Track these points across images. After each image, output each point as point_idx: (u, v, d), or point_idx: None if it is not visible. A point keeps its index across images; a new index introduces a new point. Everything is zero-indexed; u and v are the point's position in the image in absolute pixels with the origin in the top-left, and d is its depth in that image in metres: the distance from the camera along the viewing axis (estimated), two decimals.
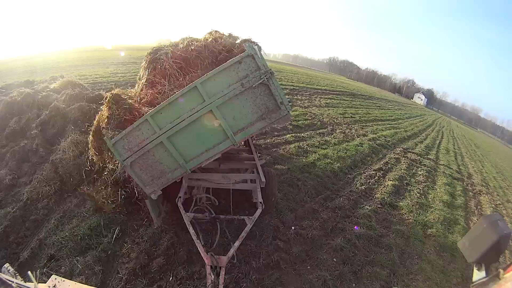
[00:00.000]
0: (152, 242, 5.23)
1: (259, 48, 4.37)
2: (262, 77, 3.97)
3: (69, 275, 4.60)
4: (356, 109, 25.80)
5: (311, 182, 8.40)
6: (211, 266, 3.77)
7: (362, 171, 10.64)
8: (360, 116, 22.40)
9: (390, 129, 21.62)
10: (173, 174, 4.58)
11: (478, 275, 1.92)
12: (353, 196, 8.40)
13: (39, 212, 6.01)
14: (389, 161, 12.91)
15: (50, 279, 2.33)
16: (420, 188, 10.92)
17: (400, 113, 38.46)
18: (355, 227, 6.35)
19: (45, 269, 4.70)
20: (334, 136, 14.05)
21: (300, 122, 14.79)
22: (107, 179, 5.90)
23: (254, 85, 3.99)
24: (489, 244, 1.82)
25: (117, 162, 4.81)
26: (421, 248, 6.99)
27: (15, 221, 5.74)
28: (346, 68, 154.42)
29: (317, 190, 8.15)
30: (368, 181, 9.83)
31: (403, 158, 14.37)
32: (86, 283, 4.39)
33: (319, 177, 8.85)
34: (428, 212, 9.05)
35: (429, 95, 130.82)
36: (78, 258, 4.85)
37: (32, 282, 2.00)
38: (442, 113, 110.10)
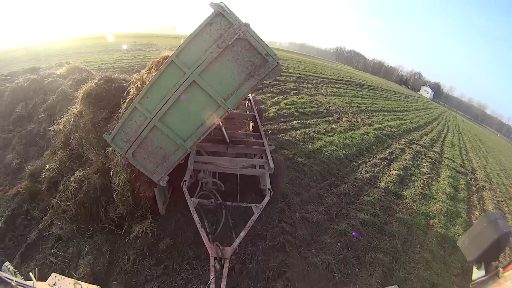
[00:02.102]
0: (160, 224, 5.27)
1: (225, 5, 3.93)
2: (236, 31, 3.71)
3: (77, 256, 4.71)
4: (362, 99, 25.66)
5: (317, 167, 8.43)
6: (215, 258, 3.68)
7: (367, 159, 10.65)
8: (366, 106, 22.26)
9: (395, 120, 21.52)
10: (175, 157, 4.49)
11: (477, 273, 1.92)
12: (357, 183, 8.44)
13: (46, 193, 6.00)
14: (394, 151, 12.89)
15: (50, 277, 2.33)
16: (424, 179, 10.92)
17: (406, 105, 38.17)
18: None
19: (52, 250, 4.79)
20: (340, 124, 14.01)
21: (306, 109, 14.72)
22: None
23: (230, 43, 3.75)
24: (489, 243, 1.82)
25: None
26: (423, 237, 7.04)
27: (22, 203, 5.82)
28: (353, 58, 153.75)
29: (323, 175, 8.20)
30: (373, 169, 9.85)
31: (408, 149, 14.34)
32: (93, 263, 4.51)
33: (324, 163, 8.89)
34: (431, 203, 9.07)
35: (436, 88, 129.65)
36: (86, 239, 4.92)
37: (32, 280, 2.00)
38: (448, 107, 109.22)
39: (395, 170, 10.48)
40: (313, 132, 11.48)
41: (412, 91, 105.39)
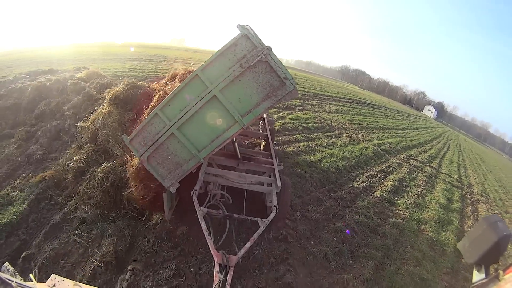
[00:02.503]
0: (178, 214, 5.87)
1: (251, 28, 4.17)
2: (259, 54, 3.90)
3: (100, 237, 5.24)
4: (365, 117, 26.42)
5: (317, 175, 9.18)
6: (220, 265, 3.78)
7: (364, 171, 11.34)
8: (367, 123, 23.02)
9: (395, 137, 22.16)
10: (188, 165, 4.67)
11: (477, 276, 1.95)
12: (354, 190, 9.15)
13: (71, 181, 6.57)
14: (391, 165, 13.56)
15: (49, 278, 2.36)
16: (419, 190, 11.55)
17: (408, 124, 38.84)
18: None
19: (76, 231, 5.33)
20: (341, 139, 14.78)
21: (310, 124, 15.52)
22: None
23: (252, 64, 3.94)
24: (489, 245, 1.85)
25: None
26: (414, 239, 7.65)
27: (47, 189, 6.41)
28: (358, 77, 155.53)
29: (322, 182, 8.93)
30: (369, 180, 10.54)
31: (405, 164, 14.97)
32: (116, 243, 5.00)
33: (324, 172, 9.63)
34: (424, 211, 9.70)
35: (439, 108, 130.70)
36: (109, 223, 5.46)
37: (32, 281, 2.03)
38: (452, 126, 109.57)
39: (391, 181, 11.15)
40: (315, 145, 12.25)
41: (415, 110, 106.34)
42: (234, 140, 6.10)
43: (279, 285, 4.81)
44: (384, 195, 9.58)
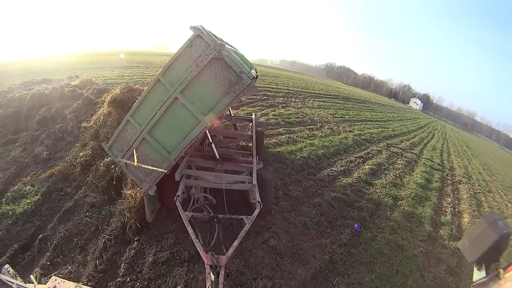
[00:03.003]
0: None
1: (203, 28, 4.28)
2: (212, 51, 3.98)
3: (109, 217, 5.94)
4: (347, 111, 27.34)
5: (298, 161, 10.09)
6: (210, 266, 3.89)
7: (343, 158, 12.29)
8: (350, 117, 23.94)
9: (377, 128, 23.14)
10: (161, 167, 4.80)
11: (478, 275, 1.98)
12: (332, 173, 10.08)
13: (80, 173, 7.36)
14: (370, 152, 14.56)
15: (50, 280, 2.39)
16: (397, 173, 12.55)
17: (392, 116, 39.87)
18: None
19: (87, 213, 6.08)
20: (322, 131, 15.72)
21: (292, 119, 16.43)
22: None
23: (207, 62, 4.04)
24: (489, 244, 1.89)
25: None
26: (390, 212, 8.58)
27: (56, 182, 7.21)
28: (343, 74, 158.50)
29: (302, 167, 9.84)
30: (348, 164, 11.48)
31: (385, 151, 15.98)
32: (124, 220, 5.57)
33: (304, 159, 10.54)
34: (401, 190, 10.69)
35: (425, 99, 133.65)
36: (116, 206, 6.07)
37: (32, 283, 2.07)
38: (438, 117, 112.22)
39: (369, 165, 12.15)
40: (296, 136, 13.15)
41: (401, 103, 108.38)
42: (211, 141, 6.40)
43: (264, 247, 5.65)
44: (362, 176, 10.55)
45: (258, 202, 5.42)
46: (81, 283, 4.40)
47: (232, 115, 10.21)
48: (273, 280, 5.02)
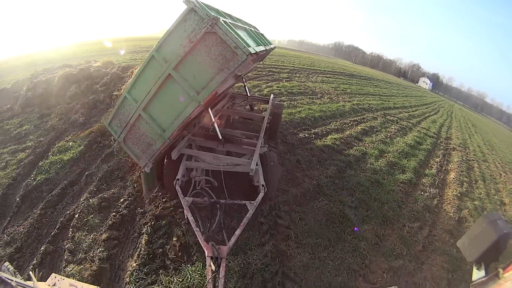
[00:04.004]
0: None
1: (197, 1, 4.08)
2: (205, 25, 3.86)
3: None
4: (350, 85, 28.46)
5: (296, 120, 11.74)
6: (211, 257, 3.77)
7: (338, 120, 13.83)
8: (351, 90, 25.20)
9: (378, 101, 24.35)
10: (156, 145, 4.84)
11: (477, 274, 2.02)
12: (326, 130, 11.70)
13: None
14: (365, 118, 16.07)
15: (50, 277, 2.43)
16: (388, 134, 14.12)
17: (397, 92, 40.60)
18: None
19: (125, 155, 7.55)
20: (321, 100, 17.24)
21: (294, 90, 17.97)
22: None
23: (200, 36, 3.93)
24: (489, 244, 1.94)
25: None
26: (374, 160, 10.16)
27: (96, 137, 8.73)
28: (352, 53, 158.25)
29: (299, 125, 11.45)
30: (342, 125, 13.07)
31: (381, 118, 17.44)
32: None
33: (302, 119, 12.18)
34: (389, 146, 12.24)
35: (435, 79, 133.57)
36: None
37: (32, 280, 2.08)
38: (448, 97, 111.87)
39: (361, 127, 13.74)
40: (296, 103, 14.79)
41: (410, 82, 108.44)
42: (213, 120, 6.06)
43: None
44: (353, 134, 12.19)
45: (262, 185, 5.32)
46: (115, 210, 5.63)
47: (249, 95, 9.86)
48: None
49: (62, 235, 5.42)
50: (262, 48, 6.14)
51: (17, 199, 6.38)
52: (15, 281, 1.84)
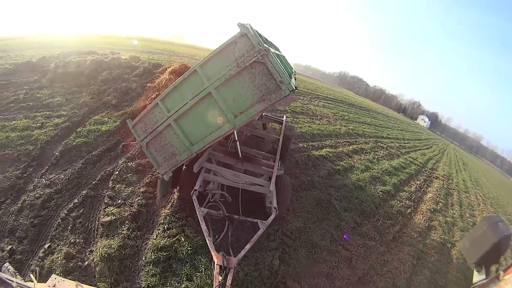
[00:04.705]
0: None
1: (251, 27, 4.17)
2: (256, 54, 3.93)
3: None
4: (349, 113, 30.16)
5: (297, 133, 13.72)
6: (220, 266, 3.91)
7: (333, 139, 15.81)
8: (349, 118, 26.99)
9: (372, 129, 26.20)
10: (181, 156, 4.97)
11: (478, 276, 2.08)
12: (322, 145, 13.73)
13: None
14: (358, 141, 18.02)
15: (50, 278, 2.46)
16: (376, 156, 16.08)
17: (392, 125, 42.07)
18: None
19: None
20: (320, 121, 19.33)
21: (297, 110, 20.06)
22: None
23: (248, 64, 4.00)
24: (489, 246, 1.99)
25: None
26: (360, 172, 12.01)
27: (128, 117, 8.83)
28: (355, 84, 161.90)
29: (299, 137, 13.52)
30: (336, 143, 15.13)
31: (372, 143, 19.35)
32: None
33: (302, 133, 14.33)
34: (375, 165, 14.19)
35: (433, 118, 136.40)
36: None
37: (32, 281, 2.13)
38: (444, 137, 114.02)
39: (353, 147, 15.76)
40: (298, 120, 16.90)
41: (409, 119, 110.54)
42: (236, 139, 6.47)
43: None
44: (345, 151, 14.22)
45: (275, 208, 5.58)
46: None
47: (263, 114, 10.04)
48: None
49: (102, 186, 6.82)
50: (293, 81, 6.47)
51: (56, 153, 7.69)
52: (16, 282, 1.89)
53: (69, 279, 4.31)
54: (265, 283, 5.21)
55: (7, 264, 2.53)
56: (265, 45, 4.05)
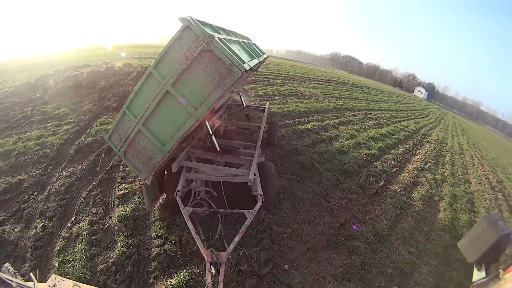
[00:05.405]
0: None
1: (192, 19, 4.20)
2: (201, 43, 3.99)
3: None
4: (339, 92, 30.92)
5: (284, 113, 14.96)
6: (210, 263, 3.98)
7: (320, 115, 16.77)
8: (339, 95, 27.84)
9: (363, 104, 26.97)
10: (156, 159, 5.01)
11: (478, 275, 2.10)
12: (308, 120, 14.78)
13: None
14: (346, 115, 18.99)
15: (50, 278, 2.48)
16: (363, 126, 17.07)
17: (387, 99, 42.55)
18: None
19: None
20: (309, 101, 20.30)
21: (286, 92, 21.08)
22: None
23: (196, 54, 4.06)
24: (489, 244, 2.01)
25: None
26: (345, 140, 13.02)
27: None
28: (348, 63, 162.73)
29: (286, 116, 14.65)
30: (322, 118, 16.16)
31: (361, 115, 20.26)
32: None
33: (289, 112, 15.44)
34: (361, 133, 15.19)
35: (430, 88, 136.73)
36: None
37: (33, 281, 2.15)
38: (443, 106, 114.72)
39: (340, 120, 16.85)
40: (286, 101, 18.01)
41: (406, 92, 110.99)
42: (211, 133, 6.32)
43: None
44: (331, 123, 15.31)
45: (260, 195, 5.64)
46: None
47: (245, 104, 10.35)
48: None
49: (115, 170, 8.14)
50: (256, 61, 6.58)
51: (71, 152, 9.00)
52: (16, 282, 1.90)
53: (93, 239, 5.75)
54: (253, 228, 6.13)
55: (7, 264, 2.57)
56: (209, 33, 4.11)
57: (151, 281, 5.01)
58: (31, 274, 2.24)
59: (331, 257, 6.03)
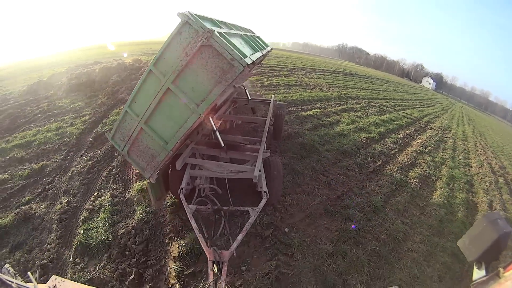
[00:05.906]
0: None
1: (191, 14, 4.08)
2: (200, 38, 3.91)
3: None
4: (344, 82, 31.17)
5: (288, 101, 15.48)
6: (213, 261, 3.95)
7: (323, 103, 17.28)
8: (344, 85, 27.91)
9: (368, 93, 27.20)
10: (160, 157, 4.97)
11: (478, 274, 2.07)
12: (311, 107, 15.38)
13: None
14: (349, 103, 19.41)
15: (50, 279, 2.50)
16: (365, 113, 17.59)
17: (392, 89, 42.18)
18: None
19: None
20: (313, 90, 20.79)
21: (291, 83, 21.54)
22: None
23: (196, 50, 3.98)
24: (489, 243, 1.98)
25: None
26: (346, 125, 13.56)
27: None
28: (355, 54, 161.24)
29: (290, 104, 15.09)
30: (325, 106, 16.69)
31: (364, 103, 20.69)
32: None
33: (293, 100, 16.02)
34: (362, 119, 15.76)
35: (438, 79, 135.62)
36: None
37: (32, 282, 2.14)
38: (451, 96, 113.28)
39: (342, 107, 17.37)
40: (291, 91, 18.56)
41: (414, 82, 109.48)
42: (215, 128, 5.94)
43: None
44: (333, 110, 15.88)
45: (265, 192, 5.57)
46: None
47: (250, 98, 9.88)
48: None
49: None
50: (259, 54, 6.42)
51: (90, 139, 9.71)
52: (16, 283, 1.95)
53: (114, 209, 6.54)
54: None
55: (7, 265, 2.57)
56: (209, 27, 4.01)
57: (166, 241, 5.75)
58: (30, 275, 2.25)
59: (328, 223, 6.66)
